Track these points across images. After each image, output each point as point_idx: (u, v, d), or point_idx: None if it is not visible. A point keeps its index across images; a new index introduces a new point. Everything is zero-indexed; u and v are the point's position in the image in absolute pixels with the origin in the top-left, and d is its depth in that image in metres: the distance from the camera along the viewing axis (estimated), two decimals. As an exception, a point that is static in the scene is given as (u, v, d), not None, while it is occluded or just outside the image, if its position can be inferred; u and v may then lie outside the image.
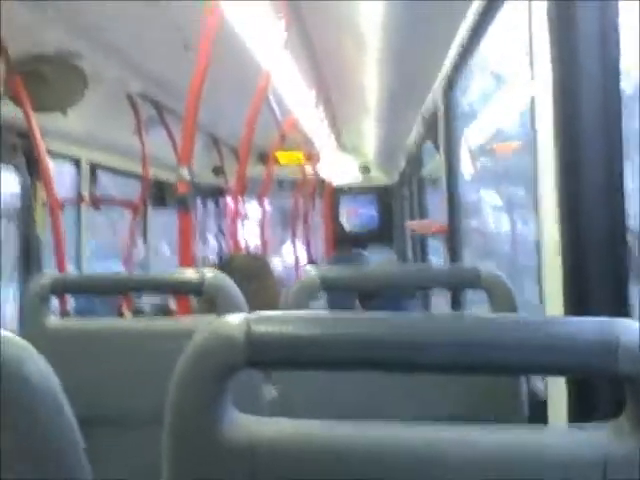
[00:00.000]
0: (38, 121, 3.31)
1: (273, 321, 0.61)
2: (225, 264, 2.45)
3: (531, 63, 1.47)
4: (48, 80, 3.33)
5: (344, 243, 8.07)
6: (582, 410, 1.21)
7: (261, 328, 0.60)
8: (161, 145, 5.05)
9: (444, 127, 3.21)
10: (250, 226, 7.37)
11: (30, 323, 1.46)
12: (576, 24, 1.23)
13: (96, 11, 3.00)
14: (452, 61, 2.89)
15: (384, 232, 8.54)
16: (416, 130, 4.68)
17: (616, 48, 1.23)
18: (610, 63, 1.23)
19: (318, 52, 4.08)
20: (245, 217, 7.07)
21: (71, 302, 3.79)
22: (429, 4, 2.57)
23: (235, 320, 0.61)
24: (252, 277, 2.34)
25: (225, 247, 8.12)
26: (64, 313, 3.41)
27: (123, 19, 3.11)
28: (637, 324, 0.58)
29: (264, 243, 6.17)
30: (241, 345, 0.59)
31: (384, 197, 8.56)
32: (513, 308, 1.37)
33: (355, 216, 8.85)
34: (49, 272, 1.55)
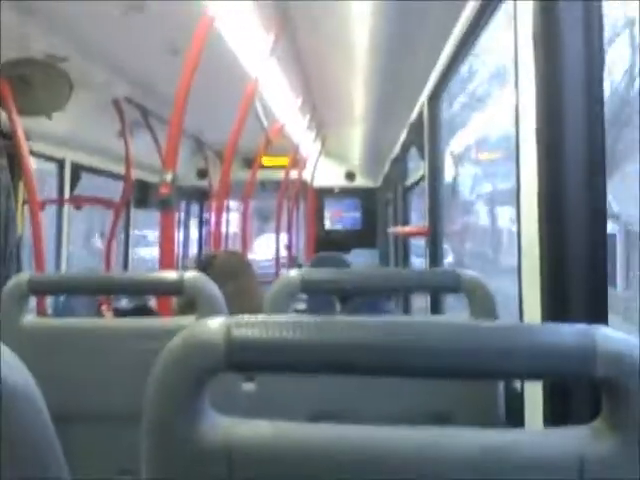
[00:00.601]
0: (23, 122, 3.30)
1: (253, 325, 0.61)
2: (207, 261, 2.42)
3: (516, 71, 1.49)
4: (34, 84, 3.32)
5: (327, 246, 8.07)
6: (558, 412, 1.23)
7: (241, 332, 0.60)
8: (145, 148, 5.04)
9: (428, 134, 3.25)
10: (232, 227, 7.37)
11: (7, 322, 1.45)
12: (561, 38, 1.25)
13: (83, 15, 3.00)
14: (439, 71, 2.92)
15: (368, 235, 8.54)
16: (401, 137, 4.71)
17: (600, 55, 1.25)
18: (593, 67, 1.24)
19: (305, 60, 4.10)
20: (228, 219, 7.07)
21: (50, 302, 3.76)
22: (417, 16, 2.60)
23: (215, 323, 0.61)
24: (234, 275, 2.32)
25: (206, 248, 8.11)
26: (42, 313, 3.39)
27: (110, 23, 3.11)
28: (614, 331, 0.60)
29: (245, 244, 6.16)
30: (220, 348, 0.60)
31: (368, 200, 8.58)
32: (493, 311, 1.38)
33: (339, 219, 8.86)
34: (27, 272, 1.54)
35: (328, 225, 8.85)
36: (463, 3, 2.20)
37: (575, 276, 1.23)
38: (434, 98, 3.18)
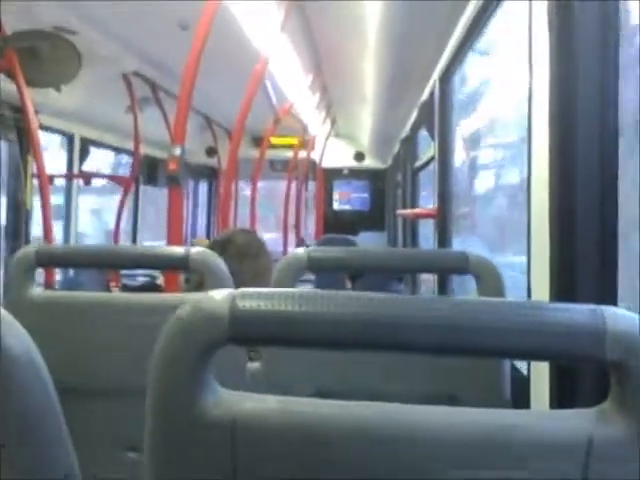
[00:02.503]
0: (32, 96, 3.29)
1: (258, 297, 0.60)
2: (225, 240, 2.39)
3: (530, 59, 1.47)
4: (43, 56, 3.31)
5: (334, 227, 8.06)
6: (565, 394, 1.22)
7: (245, 304, 0.60)
8: (154, 123, 5.03)
9: (439, 116, 3.22)
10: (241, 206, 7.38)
11: (14, 294, 1.45)
12: (575, 24, 1.23)
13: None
14: (450, 52, 2.89)
15: (376, 217, 8.52)
16: (412, 117, 4.67)
17: (615, 48, 1.24)
18: (609, 62, 1.23)
19: (316, 38, 4.06)
20: (237, 198, 7.08)
21: (59, 279, 3.78)
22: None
23: (219, 295, 0.61)
24: (253, 255, 2.30)
25: (216, 227, 8.11)
26: (49, 286, 3.41)
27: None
28: (625, 312, 0.59)
29: (254, 223, 6.17)
30: (225, 320, 0.59)
31: (377, 182, 8.53)
32: (501, 293, 1.37)
33: (347, 200, 8.83)
34: (34, 243, 1.54)
35: (336, 206, 8.83)
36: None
37: (585, 256, 1.22)
38: (445, 78, 3.15)
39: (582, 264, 1.21)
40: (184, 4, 3.13)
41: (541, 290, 1.32)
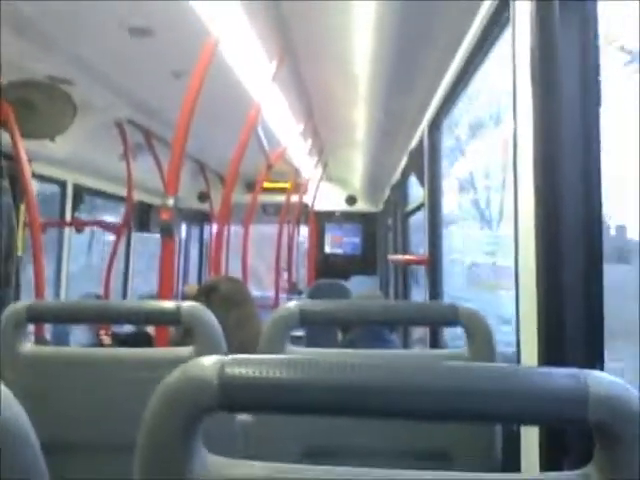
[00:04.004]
0: (25, 144, 3.31)
1: (247, 364, 0.60)
2: (209, 288, 2.40)
3: (514, 103, 1.49)
4: (37, 107, 3.34)
5: (326, 271, 8.05)
6: (554, 456, 1.22)
7: (234, 371, 0.60)
8: (147, 170, 5.06)
9: (428, 162, 3.25)
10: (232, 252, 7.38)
11: (4, 350, 1.44)
12: (558, 70, 1.26)
13: (86, 38, 3.02)
14: (439, 99, 2.94)
15: (368, 261, 8.53)
16: (402, 164, 4.72)
17: (597, 91, 1.26)
18: (590, 106, 1.25)
19: (307, 86, 4.12)
20: (229, 243, 7.08)
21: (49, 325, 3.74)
22: (418, 45, 2.62)
23: (208, 362, 0.61)
24: (236, 303, 2.31)
25: (206, 272, 8.09)
26: (40, 340, 3.37)
27: (113, 46, 3.14)
28: (606, 376, 0.60)
29: (245, 269, 6.15)
30: (213, 388, 0.59)
31: (369, 225, 8.58)
32: (491, 345, 1.38)
33: (339, 244, 8.85)
34: (25, 300, 1.53)
35: (328, 250, 8.84)
36: (464, 32, 2.22)
37: (572, 319, 1.23)
38: (434, 126, 3.20)
39: (570, 327, 1.22)
40: (178, 54, 3.18)
41: (530, 352, 1.33)
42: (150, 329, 3.94)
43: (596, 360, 1.21)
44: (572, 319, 1.21)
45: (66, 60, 3.24)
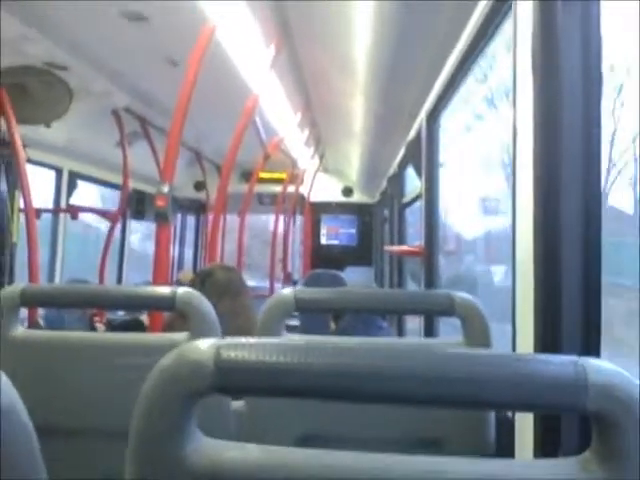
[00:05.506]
0: (21, 130, 3.30)
1: (242, 348, 0.60)
2: (203, 276, 2.40)
3: (514, 91, 1.49)
4: (33, 93, 3.33)
5: (322, 262, 8.06)
6: (548, 442, 1.22)
7: (230, 354, 0.60)
8: (143, 158, 5.05)
9: (426, 154, 3.25)
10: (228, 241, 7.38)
11: None
12: (559, 64, 1.25)
13: (83, 24, 3.00)
14: (438, 89, 2.93)
15: (363, 252, 8.54)
16: (399, 155, 4.72)
17: (598, 77, 1.26)
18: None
19: (305, 75, 4.11)
20: (224, 232, 7.07)
21: (42, 311, 3.74)
22: (418, 34, 2.60)
23: (204, 345, 0.61)
24: (231, 292, 2.31)
25: (202, 260, 8.10)
26: (33, 324, 3.37)
27: (110, 33, 3.12)
28: (606, 363, 0.59)
29: (241, 259, 6.15)
30: (209, 371, 0.59)
31: (365, 216, 8.58)
32: (486, 335, 1.37)
33: (335, 235, 8.84)
34: (19, 283, 1.51)
35: (324, 241, 8.84)
36: (464, 22, 2.21)
37: (569, 306, 1.22)
38: (432, 117, 3.19)
39: (566, 314, 1.22)
40: (175, 41, 3.16)
41: (525, 340, 1.32)
42: (144, 317, 3.93)
43: (592, 350, 1.21)
44: (569, 309, 1.21)
45: (62, 46, 3.22)
